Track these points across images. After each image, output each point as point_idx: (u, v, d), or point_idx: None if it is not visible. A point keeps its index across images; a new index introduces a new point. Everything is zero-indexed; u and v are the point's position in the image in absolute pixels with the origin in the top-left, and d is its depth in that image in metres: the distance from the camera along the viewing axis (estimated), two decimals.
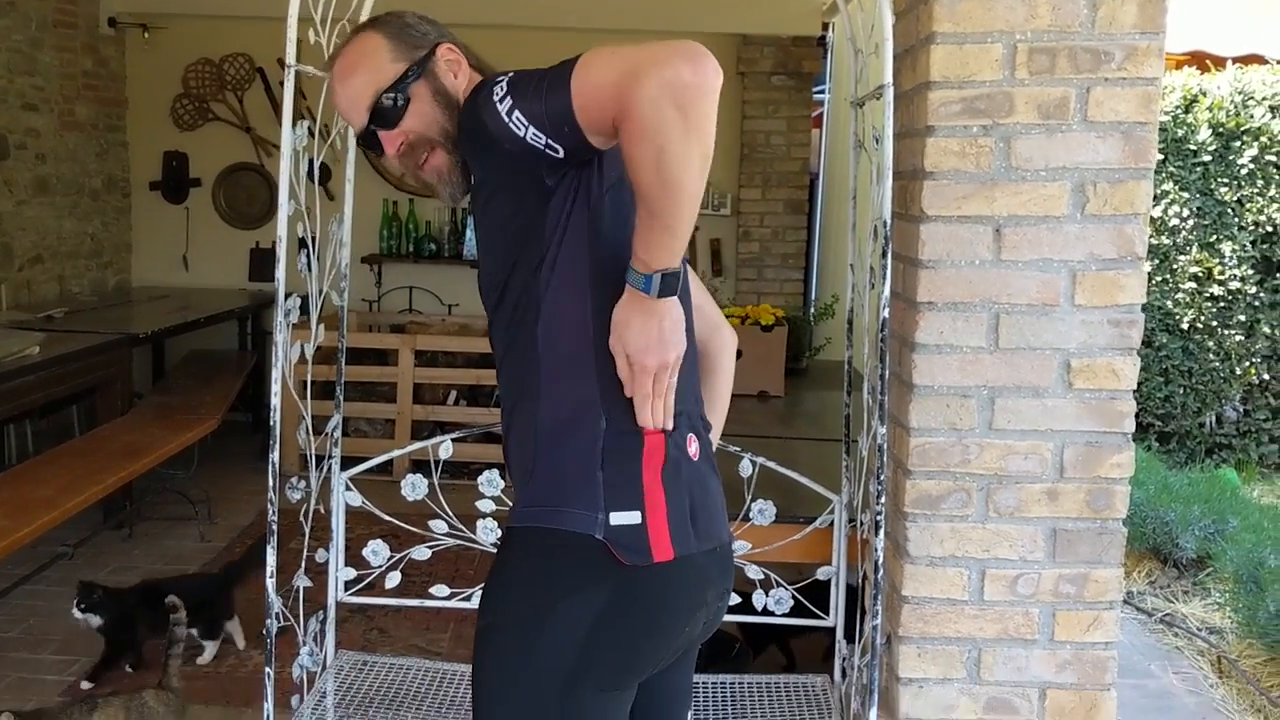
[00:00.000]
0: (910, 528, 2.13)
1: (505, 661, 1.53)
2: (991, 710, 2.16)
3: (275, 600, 2.17)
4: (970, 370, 2.08)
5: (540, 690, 1.50)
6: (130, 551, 4.54)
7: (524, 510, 1.55)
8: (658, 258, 1.43)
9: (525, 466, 1.56)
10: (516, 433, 1.59)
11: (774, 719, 2.39)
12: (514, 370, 1.58)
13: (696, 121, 1.34)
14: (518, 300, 1.54)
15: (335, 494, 2.51)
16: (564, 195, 1.49)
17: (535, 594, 1.52)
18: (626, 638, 1.52)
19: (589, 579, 1.50)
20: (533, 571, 1.53)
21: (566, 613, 1.49)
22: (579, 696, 1.51)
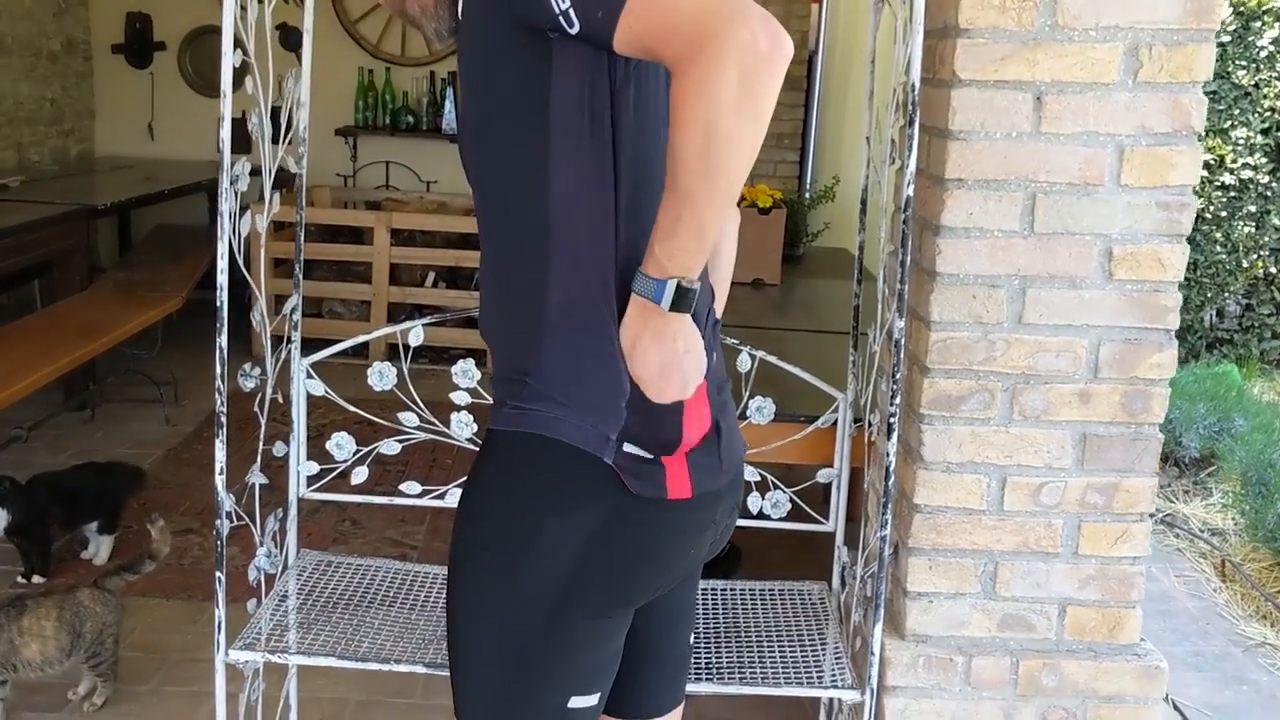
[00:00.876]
0: (926, 430, 1.93)
1: (486, 582, 1.33)
2: (1006, 627, 2.00)
3: (226, 498, 1.98)
4: (1001, 257, 1.86)
5: (525, 614, 1.31)
6: (92, 434, 4.35)
7: (513, 413, 1.33)
8: (678, 260, 1.20)
9: (519, 361, 1.33)
10: (508, 320, 1.35)
11: (768, 626, 2.22)
12: (509, 249, 1.33)
13: (758, 99, 1.11)
14: (516, 170, 1.29)
15: (295, 382, 2.29)
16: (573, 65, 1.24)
17: (521, 509, 1.31)
18: (622, 563, 1.33)
19: (584, 497, 1.30)
20: (518, 483, 1.32)
21: (555, 532, 1.29)
22: (568, 622, 1.32)
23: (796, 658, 2.09)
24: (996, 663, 1.99)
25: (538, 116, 1.25)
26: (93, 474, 3.28)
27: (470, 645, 1.36)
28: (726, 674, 2.04)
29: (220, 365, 1.92)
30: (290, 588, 2.28)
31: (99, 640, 2.54)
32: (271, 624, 2.12)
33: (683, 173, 1.15)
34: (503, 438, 1.33)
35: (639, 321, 1.26)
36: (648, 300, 1.24)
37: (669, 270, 1.21)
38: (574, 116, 1.25)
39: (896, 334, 1.84)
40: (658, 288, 1.22)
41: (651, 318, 1.25)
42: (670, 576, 1.40)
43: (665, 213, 1.19)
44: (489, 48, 1.27)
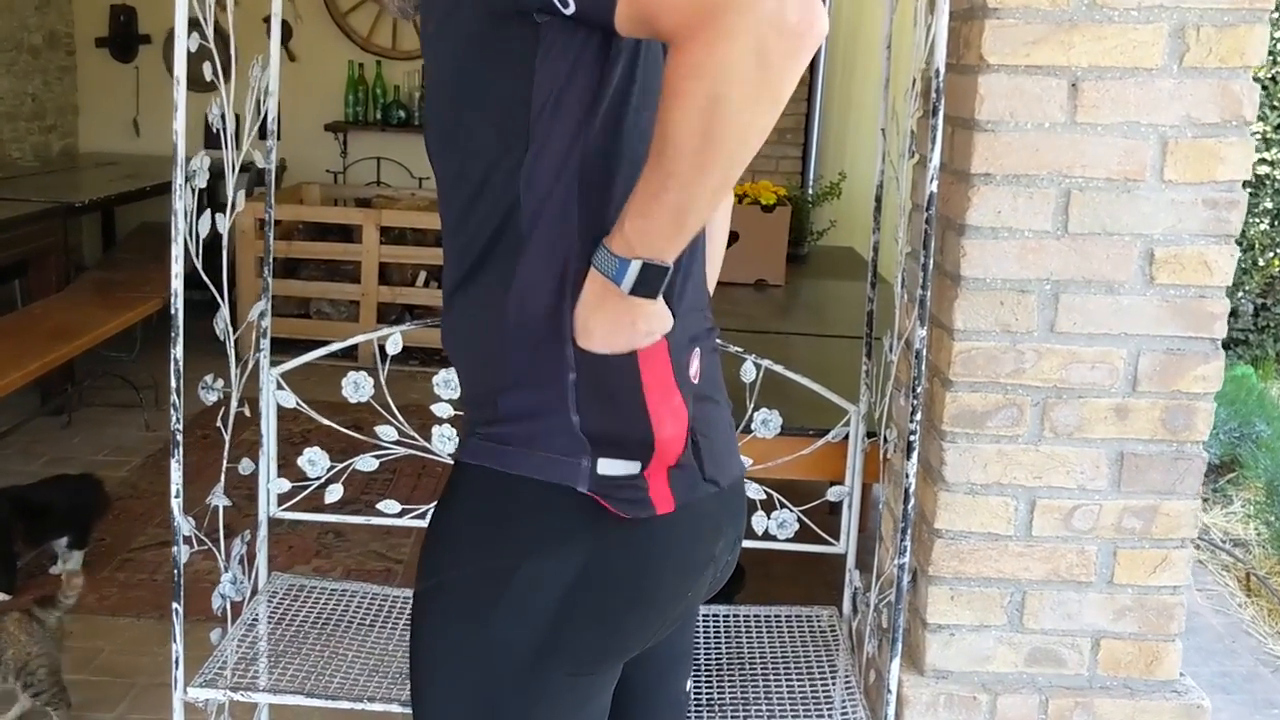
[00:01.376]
0: (948, 449, 1.77)
1: (452, 635, 1.16)
2: (1034, 662, 1.83)
3: (183, 522, 1.81)
4: (1031, 260, 1.70)
5: (496, 670, 1.15)
6: (69, 440, 4.18)
7: (481, 445, 1.16)
8: (649, 241, 1.03)
9: (488, 384, 1.16)
10: (474, 336, 1.18)
11: (775, 657, 2.06)
12: (477, 257, 1.15)
13: (777, 82, 0.94)
14: (488, 172, 1.12)
15: (264, 393, 2.13)
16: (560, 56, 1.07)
17: (491, 552, 1.15)
18: (608, 611, 1.16)
19: (561, 535, 1.13)
20: (488, 523, 1.15)
21: (530, 578, 1.13)
22: (545, 680, 1.15)
23: (805, 693, 1.93)
24: (1024, 701, 1.83)
25: (517, 114, 1.08)
26: (61, 488, 3.10)
27: (435, 703, 1.20)
28: (730, 711, 1.87)
29: (175, 378, 1.76)
30: (260, 615, 2.11)
31: (25, 669, 2.37)
32: (237, 656, 1.96)
33: (671, 150, 0.98)
34: (471, 472, 1.17)
35: (595, 301, 1.08)
36: (603, 277, 1.06)
37: (635, 249, 1.03)
38: (560, 114, 1.08)
39: (917, 344, 1.67)
40: (620, 267, 1.04)
41: (609, 299, 1.07)
42: (663, 623, 1.23)
43: (644, 187, 1.02)
44: (460, 34, 1.10)
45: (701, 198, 1.01)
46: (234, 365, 1.98)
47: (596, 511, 1.13)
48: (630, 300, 1.06)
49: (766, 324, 3.06)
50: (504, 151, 1.10)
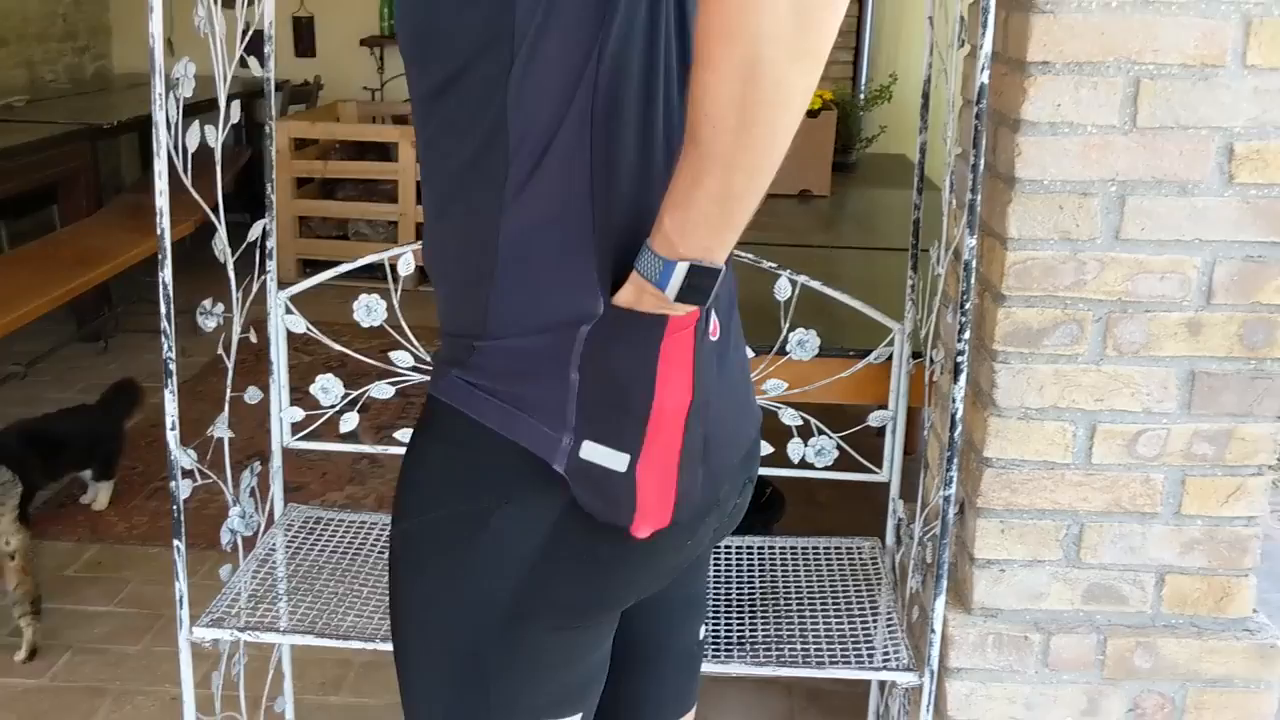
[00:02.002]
0: (1000, 370, 1.61)
1: (427, 584, 1.05)
2: (1092, 599, 1.69)
3: (180, 455, 1.72)
4: (1095, 158, 1.52)
5: (474, 624, 1.03)
6: (104, 366, 4.13)
7: (461, 387, 1.01)
8: (693, 237, 0.89)
9: (467, 315, 1.01)
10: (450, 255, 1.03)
11: (811, 592, 1.94)
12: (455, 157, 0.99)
13: (818, 33, 0.80)
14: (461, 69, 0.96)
15: (272, 317, 2.02)
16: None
17: (466, 495, 1.01)
18: (594, 560, 1.03)
19: (544, 479, 0.99)
20: (462, 465, 1.02)
21: (506, 522, 1.00)
22: (527, 634, 1.03)
23: (844, 631, 1.81)
24: (1080, 641, 1.69)
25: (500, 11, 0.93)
26: (79, 420, 3.02)
27: (416, 658, 1.08)
28: (762, 651, 1.76)
29: (165, 304, 1.65)
30: (276, 545, 2.03)
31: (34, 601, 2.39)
32: (249, 593, 1.87)
33: (708, 127, 0.84)
34: (445, 409, 1.03)
35: (635, 299, 0.94)
36: (645, 281, 0.92)
37: (679, 249, 0.89)
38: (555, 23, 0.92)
39: (966, 254, 1.51)
40: (664, 270, 0.90)
41: (644, 302, 0.94)
42: (658, 576, 1.10)
43: (682, 175, 0.88)
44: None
45: (747, 180, 0.86)
46: (235, 289, 1.88)
47: (560, 504, 0.99)
48: (674, 308, 0.92)
49: (809, 237, 2.89)
50: (482, 53, 0.95)
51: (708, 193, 0.86)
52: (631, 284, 0.94)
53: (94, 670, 2.40)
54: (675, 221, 0.89)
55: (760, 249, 1.96)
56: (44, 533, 2.92)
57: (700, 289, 0.91)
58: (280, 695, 2.20)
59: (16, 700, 2.30)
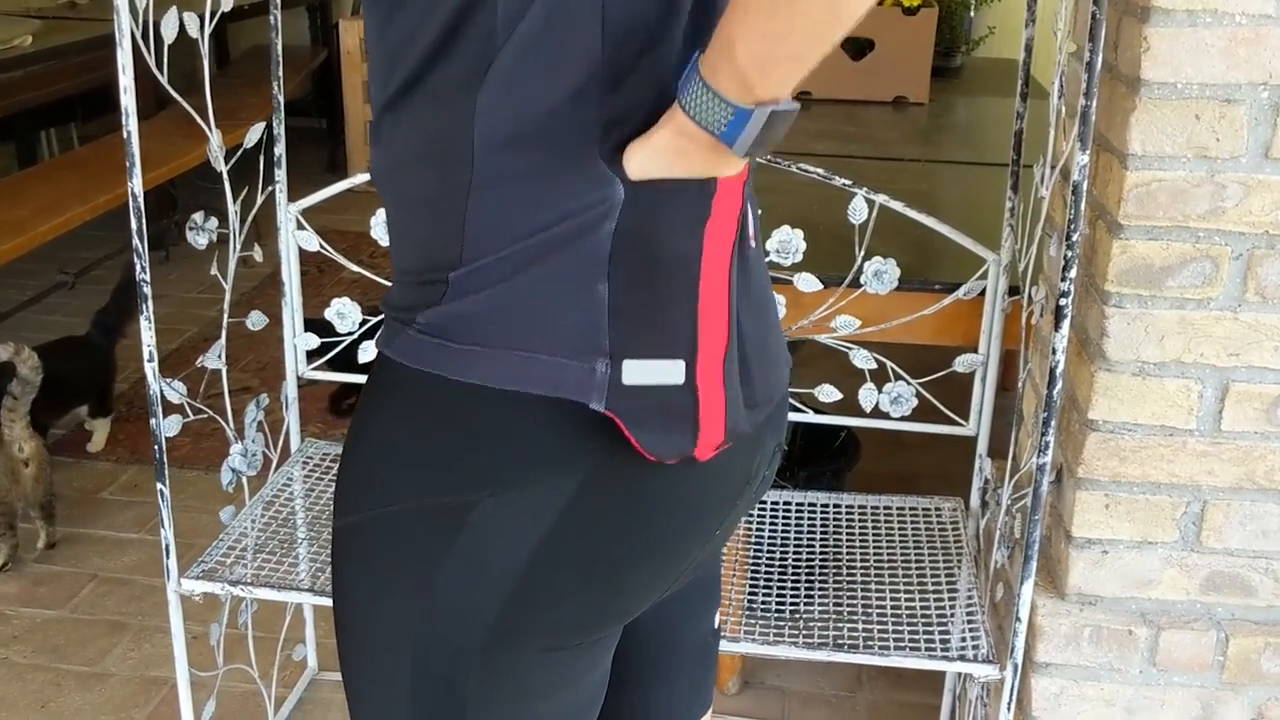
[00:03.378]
0: (1113, 315, 1.33)
1: (383, 595, 0.82)
2: (1213, 589, 1.42)
3: (158, 385, 1.54)
4: (1244, 55, 1.21)
5: (447, 650, 0.81)
6: (165, 277, 4.01)
7: (427, 341, 0.77)
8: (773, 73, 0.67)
9: (435, 245, 0.78)
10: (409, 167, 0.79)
11: (880, 561, 1.69)
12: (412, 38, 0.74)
13: None
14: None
15: (282, 233, 1.82)
16: None
17: (436, 483, 0.78)
18: (606, 564, 0.80)
19: (546, 463, 0.77)
20: (431, 444, 0.79)
21: (493, 522, 0.77)
22: (517, 656, 0.82)
23: (915, 610, 1.57)
24: (1197, 638, 1.43)
25: None
26: (70, 353, 2.80)
27: (369, 686, 0.86)
28: (818, 630, 1.53)
29: (136, 219, 1.46)
30: (293, 476, 1.87)
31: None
32: (250, 539, 1.70)
33: None
34: (405, 374, 0.79)
35: (670, 159, 0.72)
36: (702, 130, 0.70)
37: (757, 90, 0.68)
38: None
39: (1076, 173, 1.22)
40: (734, 118, 0.69)
41: (699, 159, 0.72)
42: (682, 572, 0.87)
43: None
44: None
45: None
46: (231, 201, 1.68)
47: (598, 438, 0.76)
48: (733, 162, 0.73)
49: (901, 150, 2.58)
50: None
51: (803, 12, 0.65)
52: (671, 129, 0.72)
53: (117, 603, 2.27)
54: (753, 52, 0.66)
55: (841, 162, 1.69)
56: (80, 452, 2.81)
57: (773, 138, 0.70)
58: (300, 642, 2.05)
59: (34, 630, 2.19)
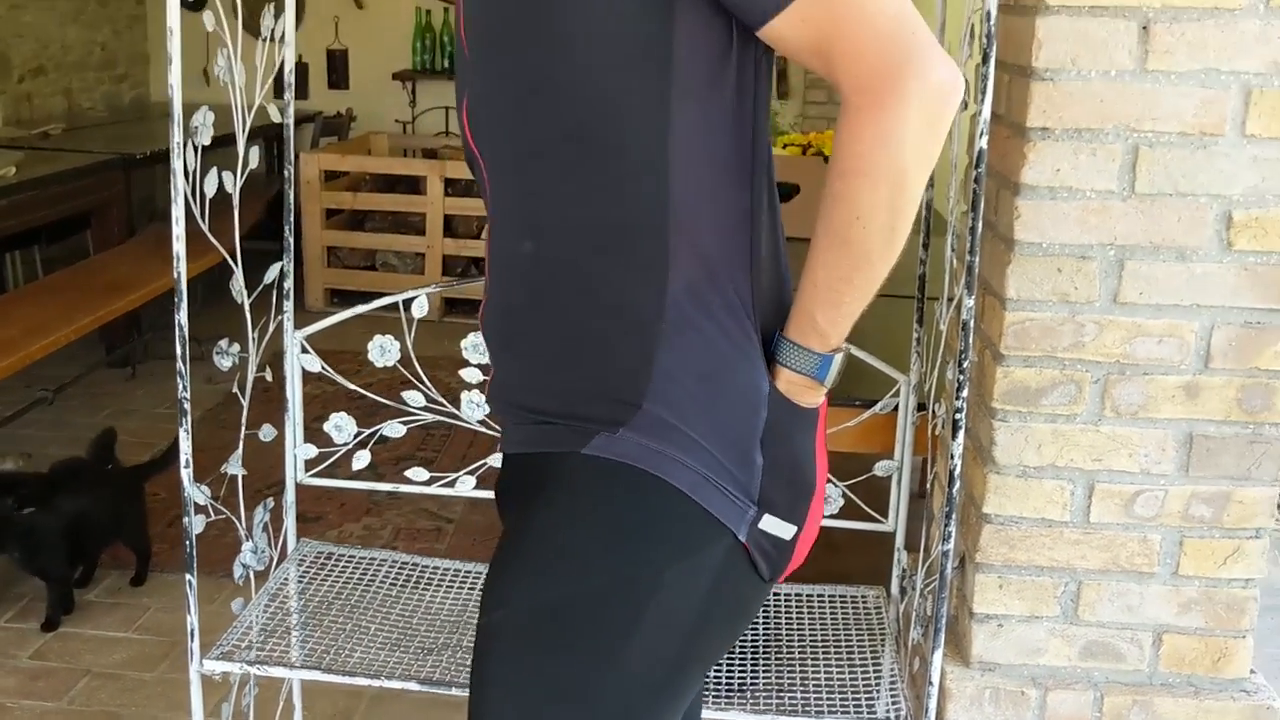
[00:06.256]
0: (999, 428, 1.64)
1: (581, 651, 1.03)
2: (1090, 656, 1.71)
3: (194, 491, 1.76)
4: (1094, 223, 1.55)
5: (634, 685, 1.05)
6: (132, 393, 4.21)
7: (620, 440, 1.03)
8: (840, 328, 1.02)
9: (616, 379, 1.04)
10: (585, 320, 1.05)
11: (814, 640, 1.95)
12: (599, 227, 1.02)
13: (936, 147, 0.95)
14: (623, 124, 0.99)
15: (288, 356, 2.06)
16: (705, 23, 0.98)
17: (634, 557, 1.03)
18: (741, 610, 1.12)
19: (709, 533, 1.05)
20: (633, 520, 1.04)
21: (680, 581, 1.03)
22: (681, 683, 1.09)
23: (844, 681, 1.82)
24: (1077, 697, 1.70)
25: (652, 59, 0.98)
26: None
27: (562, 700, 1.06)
28: (763, 698, 1.77)
29: (180, 344, 1.70)
30: (289, 577, 2.07)
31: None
32: (259, 626, 1.91)
33: (859, 228, 0.95)
34: (604, 468, 1.04)
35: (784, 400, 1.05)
36: (804, 377, 1.03)
37: (832, 341, 1.01)
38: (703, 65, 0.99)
39: (965, 313, 1.53)
40: (821, 364, 1.02)
41: (802, 396, 1.04)
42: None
43: (826, 272, 0.98)
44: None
45: (885, 271, 0.98)
46: (250, 329, 1.92)
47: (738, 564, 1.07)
48: (820, 392, 1.05)
49: None
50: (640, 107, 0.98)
51: (858, 288, 0.97)
52: (786, 381, 1.03)
53: (110, 696, 2.44)
54: (829, 320, 0.99)
55: None
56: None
57: (840, 372, 1.03)
58: None
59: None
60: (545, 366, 1.09)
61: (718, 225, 1.02)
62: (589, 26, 0.96)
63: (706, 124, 1.00)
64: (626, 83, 0.98)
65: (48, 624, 2.66)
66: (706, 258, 1.02)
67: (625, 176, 1.00)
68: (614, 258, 1.03)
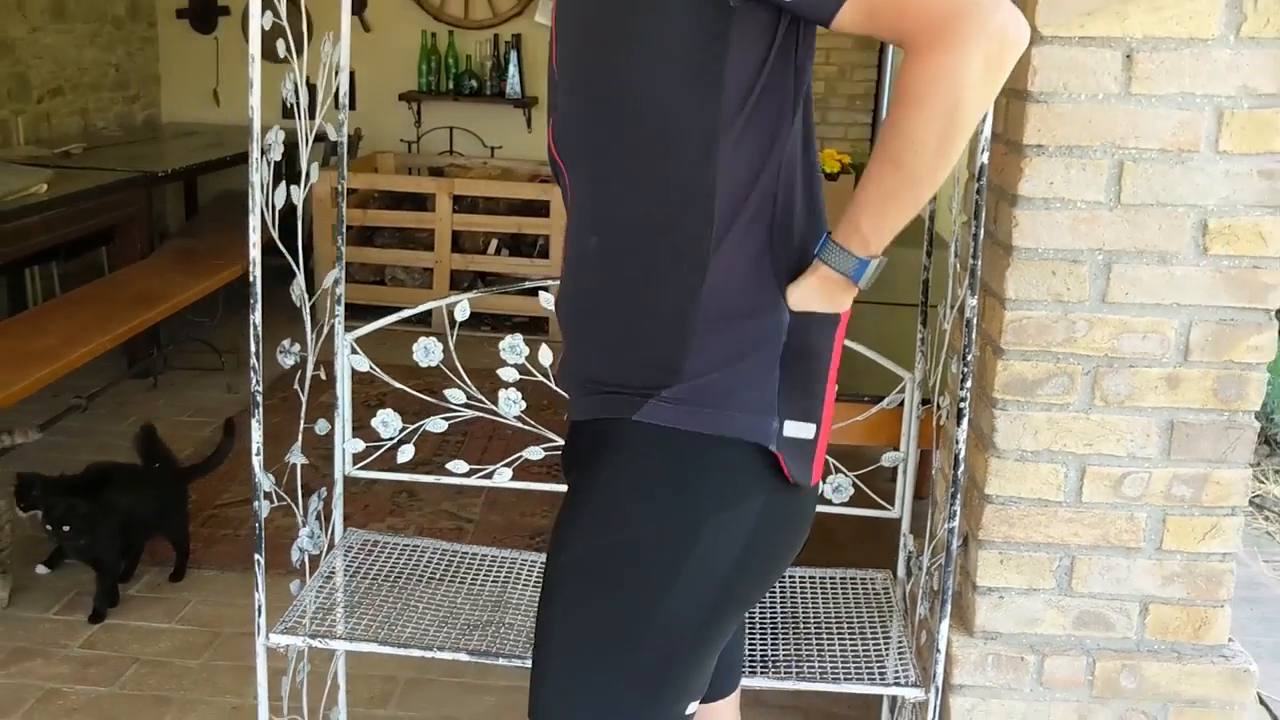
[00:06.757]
0: (999, 416, 1.81)
1: (634, 590, 1.22)
2: (1082, 625, 1.87)
3: (264, 478, 1.91)
4: (1084, 230, 1.72)
5: (681, 620, 1.23)
6: (154, 402, 4.35)
7: (669, 407, 1.21)
8: (882, 238, 1.17)
9: (662, 351, 1.22)
10: (641, 305, 1.24)
11: (829, 617, 2.12)
12: (652, 221, 1.21)
13: (995, 87, 1.08)
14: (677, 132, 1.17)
15: (339, 357, 2.22)
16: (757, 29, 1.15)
17: (680, 509, 1.21)
18: (775, 553, 1.28)
19: (745, 489, 1.22)
20: (670, 482, 1.22)
21: (718, 529, 1.21)
22: (719, 623, 1.27)
23: (858, 651, 1.99)
24: (1071, 662, 1.87)
25: (709, 77, 1.15)
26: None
27: (600, 657, 1.25)
28: (784, 668, 1.93)
29: (255, 343, 1.85)
30: (336, 567, 2.22)
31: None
32: (315, 606, 2.06)
33: (911, 152, 1.10)
34: (649, 433, 1.22)
35: (824, 296, 1.21)
36: (841, 275, 1.19)
37: (872, 247, 1.17)
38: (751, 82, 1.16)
39: (968, 312, 1.71)
40: (859, 266, 1.18)
41: (836, 293, 1.20)
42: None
43: (876, 187, 1.14)
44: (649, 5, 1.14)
45: (929, 193, 1.13)
46: (309, 330, 2.07)
47: (771, 473, 1.22)
48: (852, 293, 1.21)
49: None
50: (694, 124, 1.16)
51: (904, 204, 1.13)
52: (821, 279, 1.19)
53: (159, 681, 2.58)
54: (874, 227, 1.15)
55: None
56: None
57: (878, 277, 1.19)
58: (335, 706, 2.39)
59: (91, 705, 2.49)
60: (606, 343, 1.27)
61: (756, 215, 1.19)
62: (659, 51, 1.14)
63: (750, 129, 1.17)
64: (684, 99, 1.15)
65: (95, 615, 2.80)
66: (739, 253, 1.19)
67: (678, 179, 1.18)
68: (664, 248, 1.20)
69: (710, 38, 1.12)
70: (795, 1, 1.09)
